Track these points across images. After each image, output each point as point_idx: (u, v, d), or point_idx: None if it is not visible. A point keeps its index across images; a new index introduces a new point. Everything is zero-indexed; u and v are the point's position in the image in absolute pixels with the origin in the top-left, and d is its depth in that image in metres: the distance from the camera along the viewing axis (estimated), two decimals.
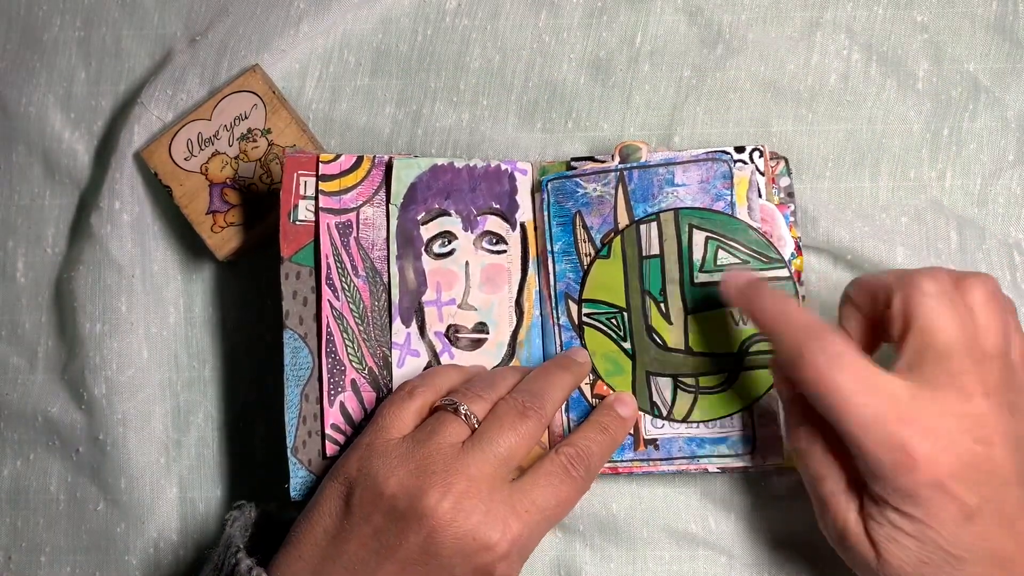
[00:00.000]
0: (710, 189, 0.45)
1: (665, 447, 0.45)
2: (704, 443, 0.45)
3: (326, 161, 0.46)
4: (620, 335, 0.45)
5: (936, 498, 0.36)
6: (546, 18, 0.51)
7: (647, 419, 0.45)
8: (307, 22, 0.51)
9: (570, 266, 0.46)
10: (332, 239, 0.46)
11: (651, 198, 0.45)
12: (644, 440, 0.45)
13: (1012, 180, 0.49)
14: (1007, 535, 0.37)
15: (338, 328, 0.45)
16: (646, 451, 0.45)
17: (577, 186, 0.46)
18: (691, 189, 0.45)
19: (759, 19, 0.50)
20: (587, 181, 0.46)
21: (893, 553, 0.38)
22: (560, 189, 0.46)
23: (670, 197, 0.45)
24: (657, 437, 0.45)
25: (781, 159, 0.48)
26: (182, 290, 0.51)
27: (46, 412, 0.51)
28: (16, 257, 0.52)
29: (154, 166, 0.48)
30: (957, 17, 0.50)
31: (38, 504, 0.51)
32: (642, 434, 0.45)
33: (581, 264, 0.46)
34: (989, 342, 0.37)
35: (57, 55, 0.53)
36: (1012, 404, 0.37)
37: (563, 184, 0.46)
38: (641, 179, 0.45)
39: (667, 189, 0.45)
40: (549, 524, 0.41)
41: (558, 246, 0.46)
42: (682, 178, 0.45)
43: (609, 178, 0.46)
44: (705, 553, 0.48)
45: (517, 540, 0.39)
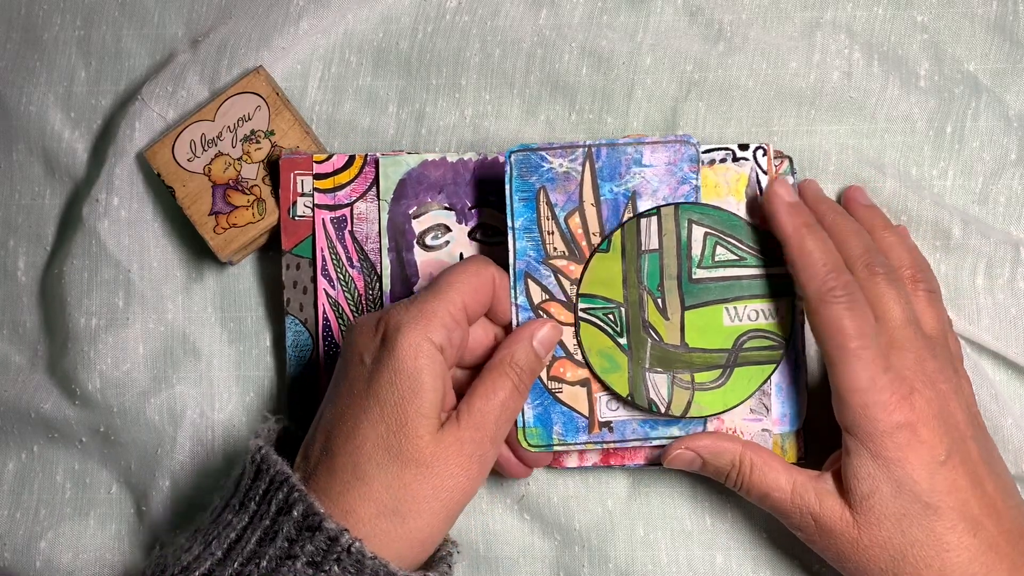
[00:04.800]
0: (676, 171, 0.46)
1: (619, 429, 0.47)
2: (657, 425, 0.47)
3: (319, 161, 0.50)
4: (616, 331, 0.46)
5: (910, 440, 0.42)
6: (546, 16, 0.53)
7: (602, 401, 0.47)
8: (307, 19, 0.53)
9: (531, 244, 0.46)
10: (327, 233, 0.50)
11: (618, 177, 0.46)
12: (599, 423, 0.47)
13: (1014, 179, 0.51)
14: (976, 493, 0.42)
15: (334, 315, 0.50)
16: (600, 433, 0.47)
17: (543, 160, 0.46)
18: (658, 170, 0.46)
19: (759, 19, 0.52)
20: (553, 156, 0.46)
21: (872, 509, 0.42)
22: (525, 163, 0.46)
23: (636, 178, 0.46)
24: (611, 420, 0.47)
25: (785, 158, 0.50)
26: (182, 287, 0.53)
27: (39, 408, 0.52)
28: (16, 256, 0.54)
29: (157, 167, 0.50)
30: (957, 17, 0.52)
31: (43, 494, 0.53)
32: (597, 417, 0.47)
33: (543, 242, 0.46)
34: (929, 325, 0.46)
35: (57, 54, 0.54)
36: (954, 369, 0.46)
37: (528, 157, 0.46)
38: (609, 157, 0.46)
39: (634, 169, 0.46)
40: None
41: (519, 222, 0.47)
42: (650, 159, 0.46)
43: (577, 154, 0.46)
44: (702, 552, 0.50)
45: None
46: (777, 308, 0.46)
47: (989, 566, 0.42)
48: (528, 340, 0.45)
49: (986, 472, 0.43)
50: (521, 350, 0.44)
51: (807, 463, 0.47)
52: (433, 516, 0.41)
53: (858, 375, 0.43)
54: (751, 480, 0.45)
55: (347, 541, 0.39)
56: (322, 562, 0.39)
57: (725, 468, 0.46)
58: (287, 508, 0.40)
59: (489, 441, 0.42)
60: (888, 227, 0.49)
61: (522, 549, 0.51)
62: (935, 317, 0.47)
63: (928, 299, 0.47)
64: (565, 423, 0.47)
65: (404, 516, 0.41)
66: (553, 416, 0.47)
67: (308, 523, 0.39)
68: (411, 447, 0.40)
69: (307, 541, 0.39)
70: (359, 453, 0.41)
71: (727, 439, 0.46)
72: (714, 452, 0.46)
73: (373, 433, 0.41)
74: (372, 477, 0.40)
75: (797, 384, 0.48)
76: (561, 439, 0.47)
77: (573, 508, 0.51)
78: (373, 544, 0.40)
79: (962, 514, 0.42)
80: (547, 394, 0.47)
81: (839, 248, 0.46)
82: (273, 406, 0.52)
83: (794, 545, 0.49)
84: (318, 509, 0.39)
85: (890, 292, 0.45)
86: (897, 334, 0.44)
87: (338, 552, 0.39)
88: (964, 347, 0.50)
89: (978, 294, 0.51)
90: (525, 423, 0.47)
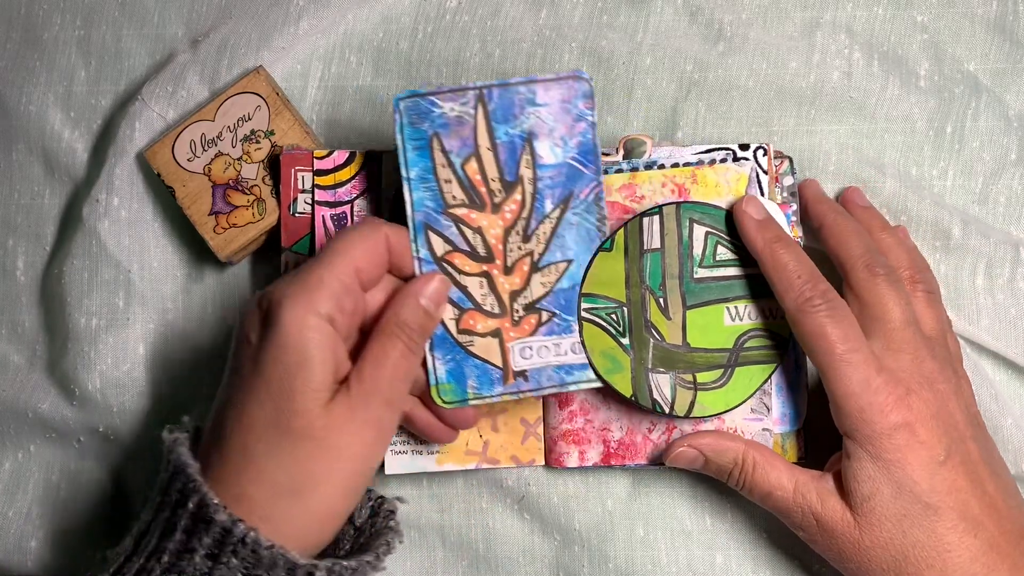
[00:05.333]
0: (571, 108, 0.45)
1: (535, 377, 0.46)
2: (573, 370, 0.46)
3: (320, 157, 0.50)
4: (619, 330, 0.47)
5: (908, 440, 0.43)
6: (546, 16, 0.53)
7: (515, 350, 0.46)
8: (307, 19, 0.53)
9: (429, 194, 0.45)
10: (327, 230, 0.50)
11: (512, 118, 0.45)
12: (513, 373, 0.46)
13: (1014, 179, 0.52)
14: (976, 493, 0.43)
15: None
16: (515, 383, 0.46)
17: (433, 105, 0.45)
18: (552, 109, 0.45)
19: (759, 19, 0.53)
20: (444, 100, 0.45)
21: (873, 511, 0.42)
22: (414, 109, 0.45)
23: (532, 118, 0.45)
24: (526, 369, 0.46)
25: (785, 158, 0.50)
26: (182, 287, 0.54)
27: (36, 408, 0.53)
28: (16, 256, 0.55)
29: (157, 166, 0.51)
30: (957, 17, 0.52)
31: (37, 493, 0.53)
32: (511, 367, 0.46)
33: (440, 191, 0.45)
34: (928, 325, 0.46)
35: (57, 54, 0.55)
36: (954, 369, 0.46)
37: (417, 103, 0.45)
38: (502, 98, 0.45)
39: (529, 109, 0.45)
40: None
41: (414, 172, 0.45)
42: (544, 97, 0.45)
43: (468, 97, 0.45)
44: (702, 552, 0.51)
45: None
46: (778, 308, 0.46)
47: (990, 566, 0.42)
48: (414, 298, 0.43)
49: (986, 472, 0.44)
50: (408, 309, 0.43)
51: (807, 463, 0.48)
52: (333, 489, 0.40)
53: (850, 379, 0.43)
54: (753, 479, 0.45)
55: (241, 532, 0.38)
56: (220, 554, 0.38)
57: (727, 467, 0.46)
58: (183, 500, 0.39)
59: (383, 405, 0.41)
60: (886, 228, 0.50)
61: (522, 549, 0.51)
62: (934, 317, 0.47)
63: (927, 300, 0.47)
64: (479, 376, 0.46)
65: (302, 494, 0.40)
66: (466, 370, 0.46)
67: (202, 515, 0.39)
68: (301, 422, 0.39)
69: (203, 533, 0.38)
70: (248, 434, 0.40)
71: (729, 438, 0.47)
72: (717, 450, 0.46)
73: (261, 413, 0.40)
74: (263, 458, 0.40)
75: (797, 384, 0.49)
76: (476, 392, 0.46)
77: (573, 508, 0.51)
78: (271, 527, 0.39)
79: (963, 514, 0.42)
80: (458, 348, 0.46)
81: (839, 249, 0.46)
82: None
83: (794, 545, 0.50)
84: (210, 500, 0.38)
85: (890, 293, 0.45)
86: (895, 335, 0.44)
87: (233, 543, 0.38)
88: (964, 347, 0.50)
89: (978, 294, 0.51)
90: (438, 379, 0.46)
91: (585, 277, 0.47)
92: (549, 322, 0.46)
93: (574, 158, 0.46)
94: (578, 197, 0.46)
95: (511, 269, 0.46)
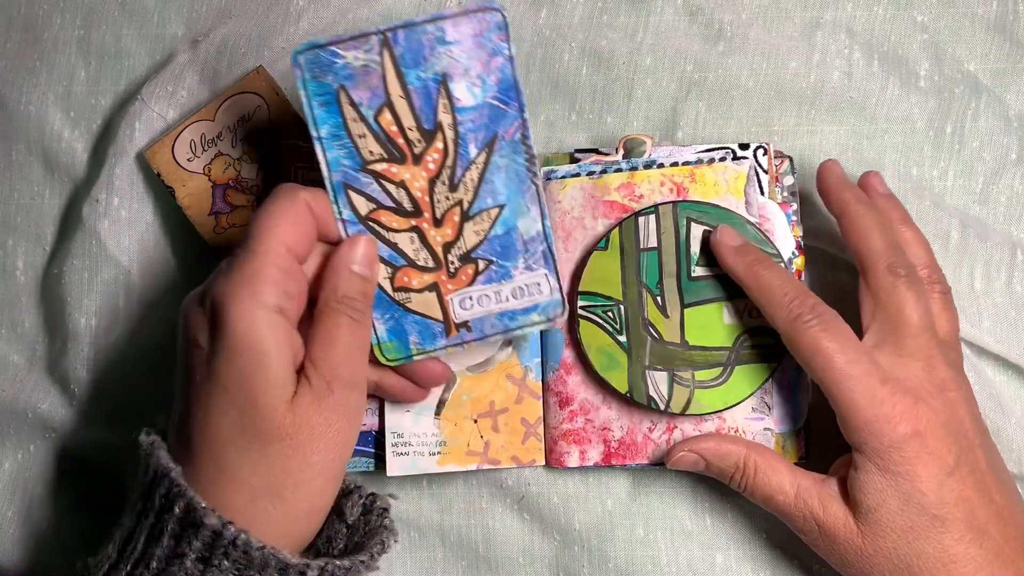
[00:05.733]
0: (485, 43, 0.42)
1: (478, 327, 0.45)
2: (516, 315, 0.45)
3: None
4: (616, 328, 0.47)
5: (918, 451, 0.42)
6: (546, 16, 0.54)
7: (455, 302, 0.45)
8: (307, 19, 0.53)
9: (344, 152, 0.43)
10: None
11: (423, 61, 0.42)
12: (455, 324, 0.45)
13: (1014, 179, 0.52)
14: (984, 502, 0.42)
15: None
16: (459, 335, 0.45)
17: (334, 56, 0.42)
18: (465, 46, 0.42)
19: (759, 18, 0.53)
20: (345, 49, 0.42)
21: (878, 521, 0.42)
22: (315, 62, 0.42)
23: (444, 58, 0.42)
24: (468, 319, 0.45)
25: (786, 158, 0.50)
26: (182, 288, 0.53)
27: (36, 408, 0.53)
28: (16, 256, 0.55)
29: (157, 167, 0.51)
30: (957, 17, 0.52)
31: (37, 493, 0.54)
32: (452, 319, 0.45)
33: (355, 147, 0.43)
34: (943, 328, 0.46)
35: (57, 54, 0.55)
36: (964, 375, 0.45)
37: (317, 56, 0.42)
38: (408, 40, 0.42)
39: (439, 49, 0.42)
40: None
41: (324, 130, 0.43)
42: (454, 34, 0.42)
43: (371, 43, 0.42)
44: (702, 552, 0.51)
45: None
46: None
47: (995, 574, 0.42)
48: (346, 267, 0.42)
49: (993, 480, 0.43)
50: (343, 281, 0.42)
51: (808, 462, 0.48)
52: (311, 486, 0.40)
53: (854, 392, 0.43)
54: (755, 482, 0.45)
55: (231, 534, 0.38)
56: (211, 557, 0.38)
57: (729, 470, 0.46)
58: (169, 505, 0.39)
59: (346, 387, 0.41)
60: (906, 220, 0.49)
61: (522, 549, 0.51)
62: (949, 319, 0.47)
63: (943, 301, 0.47)
64: (420, 331, 0.45)
65: (281, 495, 0.39)
66: (406, 327, 0.45)
67: (191, 519, 0.38)
68: (267, 424, 0.39)
69: (193, 537, 0.38)
70: (216, 442, 0.39)
71: (731, 440, 0.47)
72: (718, 454, 0.46)
73: (225, 419, 0.39)
74: (236, 464, 0.39)
75: (798, 383, 0.49)
76: (419, 348, 0.45)
77: (573, 508, 0.51)
78: (255, 531, 0.38)
79: (969, 525, 0.42)
80: (396, 306, 0.44)
81: (860, 242, 0.46)
82: None
83: (794, 545, 0.50)
84: (199, 504, 0.38)
85: (909, 296, 0.44)
86: (910, 341, 0.44)
87: (224, 546, 0.38)
88: (965, 349, 0.50)
89: (978, 296, 0.51)
90: (379, 339, 0.45)
91: (581, 276, 0.46)
92: (487, 270, 0.45)
93: (494, 97, 0.43)
94: (503, 138, 0.44)
95: (441, 221, 0.44)
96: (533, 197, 0.44)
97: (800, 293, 0.44)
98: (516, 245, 0.44)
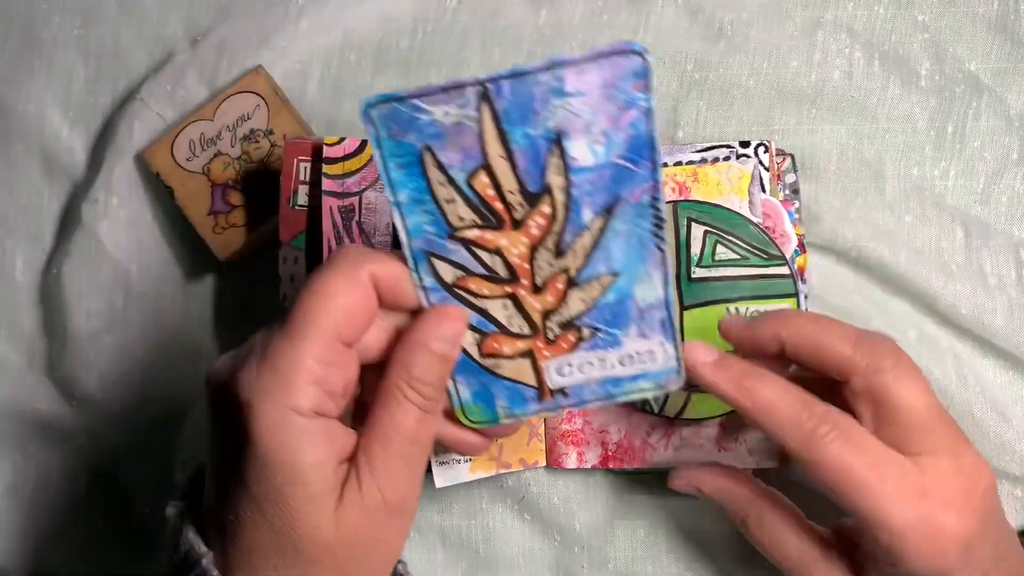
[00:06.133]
0: (616, 94, 0.35)
1: (576, 393, 0.40)
2: (621, 382, 0.39)
3: (330, 144, 0.48)
4: None
5: (963, 565, 0.38)
6: (546, 16, 0.54)
7: (551, 369, 0.39)
8: (307, 19, 0.53)
9: (428, 218, 0.37)
10: (335, 222, 0.48)
11: (532, 117, 0.35)
12: (551, 391, 0.40)
13: (1016, 179, 0.52)
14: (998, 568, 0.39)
15: None
16: (554, 399, 0.40)
17: (417, 111, 0.35)
18: (589, 98, 0.35)
19: (760, 18, 0.53)
20: (432, 103, 0.35)
21: None
22: (392, 117, 0.35)
23: (560, 113, 0.35)
24: (565, 386, 0.40)
25: (787, 156, 0.50)
26: (181, 288, 0.54)
27: (36, 410, 0.53)
28: (15, 256, 0.55)
29: (156, 166, 0.51)
30: (958, 16, 0.52)
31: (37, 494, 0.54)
32: (547, 385, 0.39)
33: (442, 213, 0.36)
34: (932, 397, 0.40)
35: (56, 54, 0.55)
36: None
37: (395, 110, 0.35)
38: (515, 93, 0.34)
39: (555, 102, 0.35)
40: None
41: (404, 195, 0.36)
42: (576, 84, 0.34)
43: (466, 96, 0.35)
44: (700, 552, 0.51)
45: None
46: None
47: None
48: (425, 347, 0.36)
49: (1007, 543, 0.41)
50: (419, 363, 0.36)
51: None
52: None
53: (898, 510, 0.37)
54: (755, 535, 0.43)
55: None
56: None
57: (730, 513, 0.43)
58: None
59: (407, 490, 0.36)
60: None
61: (522, 549, 0.52)
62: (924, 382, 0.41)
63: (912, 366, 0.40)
64: (510, 396, 0.40)
65: None
66: (494, 391, 0.40)
67: None
68: (308, 545, 0.34)
69: None
70: (252, 555, 0.34)
71: (742, 483, 0.43)
72: (723, 495, 0.43)
73: (260, 538, 0.34)
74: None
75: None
76: (508, 412, 0.40)
77: (573, 508, 0.51)
78: None
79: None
80: (483, 372, 0.39)
81: (824, 359, 0.40)
82: None
83: None
84: None
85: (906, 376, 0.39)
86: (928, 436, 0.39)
87: None
88: (967, 349, 0.50)
89: (981, 296, 0.51)
90: (462, 402, 0.40)
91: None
92: (592, 338, 0.39)
93: (621, 156, 0.36)
94: (627, 201, 0.37)
95: (542, 288, 0.38)
96: (657, 263, 0.38)
97: (806, 402, 0.38)
98: (630, 313, 0.39)
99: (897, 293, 0.51)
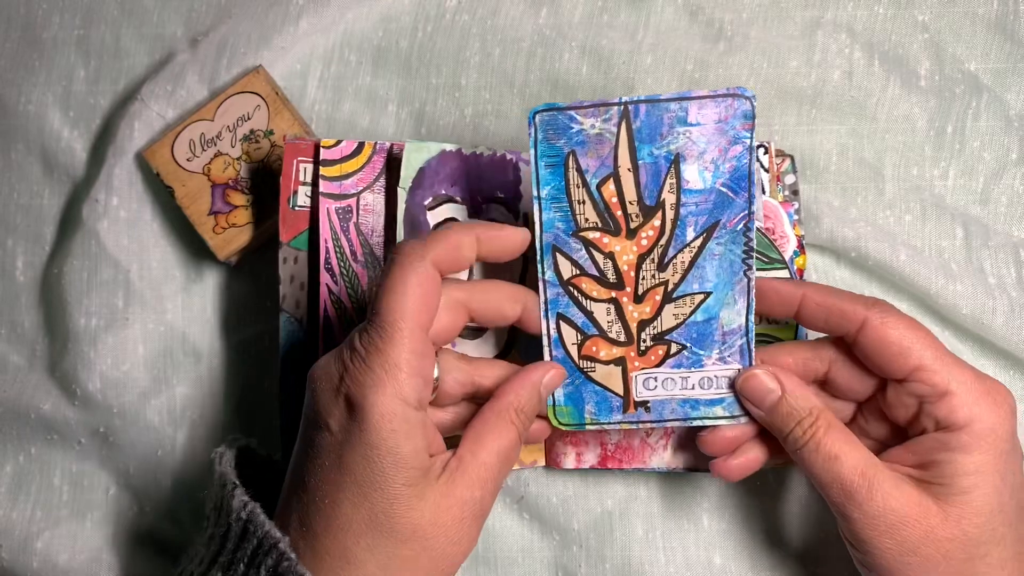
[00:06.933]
0: (727, 130, 0.42)
1: (657, 409, 0.44)
2: (699, 404, 0.44)
3: (327, 146, 0.49)
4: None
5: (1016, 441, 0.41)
6: (546, 15, 0.54)
7: (638, 380, 0.44)
8: (307, 19, 0.54)
9: (560, 215, 0.43)
10: (332, 224, 0.49)
11: (659, 138, 0.42)
12: (635, 403, 0.44)
13: (1015, 179, 0.52)
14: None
15: (335, 312, 0.48)
16: (636, 413, 0.44)
17: (571, 121, 0.42)
18: (706, 130, 0.42)
19: (760, 18, 0.53)
20: (584, 116, 0.42)
21: (969, 503, 0.40)
22: (551, 124, 0.42)
23: (681, 138, 0.42)
24: (648, 399, 0.44)
25: (787, 157, 0.50)
26: (181, 288, 0.54)
27: (37, 409, 0.53)
28: (15, 255, 0.55)
29: (156, 166, 0.51)
30: (958, 17, 0.53)
31: (40, 495, 0.54)
32: (633, 396, 0.44)
33: (572, 212, 0.43)
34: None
35: (56, 54, 0.55)
36: None
37: (555, 118, 0.42)
38: (649, 116, 0.42)
39: (678, 128, 0.42)
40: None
41: (546, 191, 0.43)
42: (696, 116, 0.41)
43: (611, 113, 0.42)
44: (700, 552, 0.51)
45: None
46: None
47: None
48: (535, 387, 0.42)
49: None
50: (527, 396, 0.42)
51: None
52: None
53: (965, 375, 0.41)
54: (822, 439, 0.42)
55: None
56: None
57: (798, 415, 0.42)
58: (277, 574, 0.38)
59: (490, 496, 0.40)
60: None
61: (521, 549, 0.52)
62: None
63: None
64: (598, 402, 0.44)
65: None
66: (585, 395, 0.44)
67: None
68: (404, 524, 0.38)
69: None
70: (345, 535, 0.38)
71: (812, 390, 0.44)
72: (797, 394, 0.43)
73: (357, 515, 0.38)
74: (364, 560, 0.38)
75: None
76: (594, 419, 0.44)
77: (572, 508, 0.51)
78: None
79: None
80: (579, 373, 0.44)
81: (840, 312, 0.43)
82: (272, 407, 0.53)
83: (793, 546, 0.50)
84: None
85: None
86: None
87: None
88: (967, 349, 0.50)
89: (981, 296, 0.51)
90: (555, 402, 0.44)
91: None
92: (678, 355, 0.44)
93: (725, 184, 0.42)
94: (725, 226, 0.42)
95: (642, 298, 0.43)
96: (743, 290, 0.43)
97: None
98: (714, 335, 0.43)
99: (897, 293, 0.52)
